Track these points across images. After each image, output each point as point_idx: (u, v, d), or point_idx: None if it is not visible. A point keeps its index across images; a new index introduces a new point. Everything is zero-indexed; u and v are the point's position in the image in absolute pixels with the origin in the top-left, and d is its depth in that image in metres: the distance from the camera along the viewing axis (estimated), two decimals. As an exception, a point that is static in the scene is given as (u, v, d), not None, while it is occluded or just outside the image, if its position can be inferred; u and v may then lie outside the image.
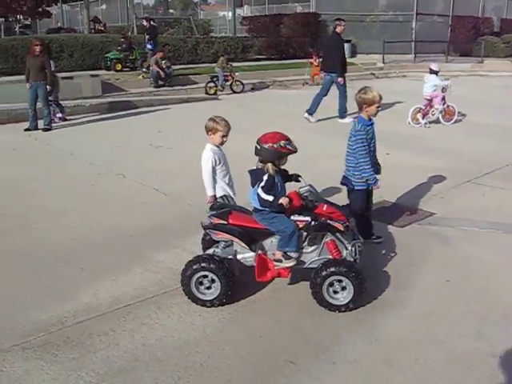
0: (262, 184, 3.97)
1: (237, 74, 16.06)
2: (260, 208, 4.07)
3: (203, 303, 4.07)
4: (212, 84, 15.81)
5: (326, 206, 4.16)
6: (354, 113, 9.87)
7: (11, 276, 4.68)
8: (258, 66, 19.64)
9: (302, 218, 4.08)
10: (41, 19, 33.36)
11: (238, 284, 4.16)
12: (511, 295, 4.24)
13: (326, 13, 23.28)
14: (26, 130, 10.87)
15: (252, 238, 4.19)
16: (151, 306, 4.13)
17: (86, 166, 8.27)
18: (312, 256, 4.18)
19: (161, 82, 16.27)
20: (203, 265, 4.02)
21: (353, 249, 4.16)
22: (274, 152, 3.93)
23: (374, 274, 4.58)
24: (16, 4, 26.36)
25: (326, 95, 11.72)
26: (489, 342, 3.57)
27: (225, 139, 4.62)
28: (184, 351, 3.55)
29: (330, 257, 4.12)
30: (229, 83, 16.01)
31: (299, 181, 4.31)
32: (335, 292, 3.96)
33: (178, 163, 8.29)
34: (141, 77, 16.56)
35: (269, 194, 3.93)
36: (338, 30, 11.66)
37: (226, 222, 4.17)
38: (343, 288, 3.94)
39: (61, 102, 12.09)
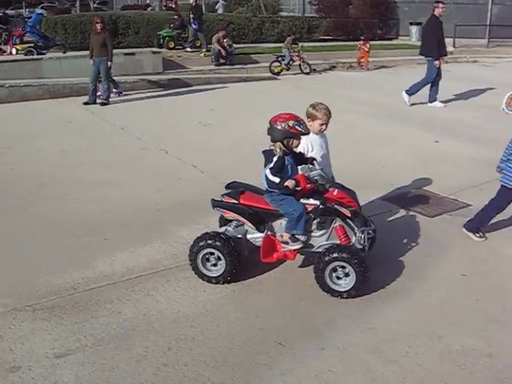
0: (271, 165, 3.97)
1: (304, 54, 15.78)
2: (270, 189, 4.07)
3: (209, 279, 4.16)
4: (277, 63, 15.67)
5: (337, 190, 4.10)
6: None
7: (39, 241, 4.96)
8: (321, 47, 19.34)
9: (311, 201, 4.06)
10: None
11: (249, 263, 4.21)
12: (528, 296, 4.04)
13: (397, -7, 22.53)
14: (85, 103, 11.31)
15: (262, 219, 4.21)
16: (160, 279, 4.26)
17: (133, 141, 8.53)
18: (320, 240, 4.15)
19: (222, 61, 16.37)
20: (209, 242, 4.09)
21: (362, 236, 4.09)
22: (282, 132, 3.91)
23: (389, 262, 4.52)
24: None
25: (435, 80, 11.31)
26: (489, 342, 3.44)
27: (324, 127, 4.40)
28: (180, 324, 3.65)
29: (338, 242, 4.07)
30: (296, 63, 15.79)
31: (314, 164, 4.25)
32: (338, 278, 3.93)
33: (224, 142, 8.37)
34: (202, 55, 16.74)
35: (276, 176, 3.92)
36: (436, 12, 11.18)
37: (236, 202, 4.22)
38: (346, 274, 3.90)
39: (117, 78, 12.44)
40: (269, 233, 4.21)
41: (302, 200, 4.06)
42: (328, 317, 3.72)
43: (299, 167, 4.17)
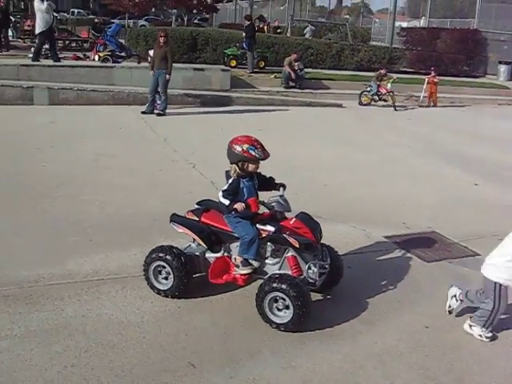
0: (225, 187, 3.98)
1: (388, 86, 15.45)
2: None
3: (158, 292, 4.20)
4: (366, 93, 15.49)
5: (294, 219, 4.03)
6: None
7: (28, 235, 5.26)
8: (399, 79, 18.90)
9: (267, 227, 4.00)
10: (208, 14, 35.72)
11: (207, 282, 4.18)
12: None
13: (488, 31, 21.60)
14: (143, 112, 11.83)
15: (219, 239, 4.20)
16: (118, 285, 4.37)
17: (168, 152, 8.80)
18: (274, 268, 4.08)
19: (292, 84, 16.50)
20: (160, 255, 4.15)
21: (312, 269, 3.96)
22: (237, 155, 3.91)
23: (352, 301, 4.35)
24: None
25: None
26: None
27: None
28: (110, 330, 3.73)
29: (289, 272, 3.98)
30: (383, 96, 15.44)
31: (280, 190, 4.20)
32: (278, 309, 3.83)
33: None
34: (273, 76, 16.94)
35: (227, 198, 3.91)
36: None
37: (197, 219, 4.24)
38: (286, 307, 3.79)
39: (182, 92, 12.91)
40: (225, 254, 4.20)
41: (258, 225, 4.01)
42: (256, 347, 3.63)
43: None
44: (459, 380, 3.44)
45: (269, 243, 4.06)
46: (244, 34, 17.10)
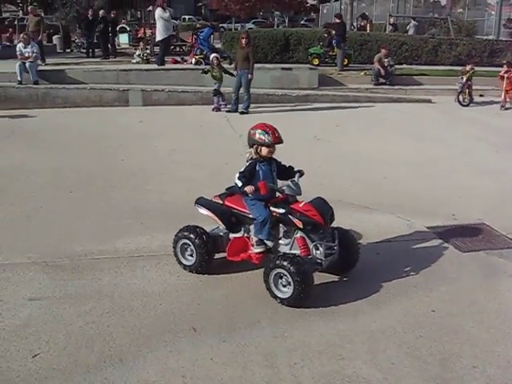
0: (242, 169, 4.33)
1: (463, 79, 14.75)
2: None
3: (184, 267, 4.67)
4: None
5: (304, 203, 4.29)
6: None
7: (90, 217, 5.98)
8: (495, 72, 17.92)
9: (278, 209, 4.30)
10: (306, 14, 35.97)
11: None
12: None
13: None
14: (228, 111, 12.45)
15: (240, 221, 4.57)
16: (153, 261, 4.90)
17: (239, 148, 9.09)
18: (286, 248, 4.38)
19: (381, 80, 16.33)
20: (185, 234, 4.60)
21: (318, 250, 4.20)
22: (251, 139, 4.27)
23: (364, 284, 4.49)
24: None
25: None
26: (385, 376, 3.35)
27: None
28: (133, 297, 4.25)
29: (298, 252, 4.25)
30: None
31: (294, 177, 4.48)
32: (283, 285, 4.11)
33: (318, 156, 8.65)
34: (363, 73, 16.88)
35: (240, 180, 4.26)
36: None
37: (222, 202, 4.64)
38: (290, 283, 4.05)
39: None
40: (245, 235, 4.55)
41: (271, 208, 4.33)
42: (256, 319, 3.95)
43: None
44: (444, 360, 3.51)
45: (281, 225, 4.36)
46: (334, 32, 17.20)
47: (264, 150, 4.32)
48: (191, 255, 4.63)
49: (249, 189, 4.21)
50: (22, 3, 31.45)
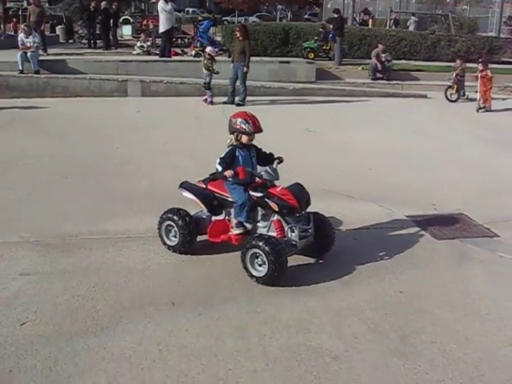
0: (222, 155, 4.57)
1: (453, 75, 14.92)
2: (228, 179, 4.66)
3: (168, 247, 4.91)
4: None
5: (280, 187, 4.53)
6: None
7: (83, 201, 6.23)
8: (500, 70, 18.03)
9: (256, 193, 4.54)
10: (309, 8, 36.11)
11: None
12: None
13: None
14: (224, 103, 12.67)
15: (221, 204, 4.81)
16: (139, 241, 5.15)
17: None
18: (263, 231, 4.62)
19: (379, 75, 16.53)
20: (169, 215, 4.84)
21: (292, 232, 4.43)
22: (231, 126, 4.52)
23: (338, 266, 4.74)
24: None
25: None
26: (344, 347, 3.60)
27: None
28: (118, 273, 4.51)
29: (275, 234, 4.49)
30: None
31: (273, 164, 4.72)
32: (259, 264, 4.35)
33: (312, 148, 8.93)
34: (360, 68, 17.07)
35: (220, 165, 4.50)
36: None
37: (204, 187, 4.88)
38: (264, 262, 4.29)
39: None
40: (226, 217, 4.80)
41: (251, 191, 4.57)
42: (233, 295, 4.20)
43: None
44: (405, 336, 3.75)
45: (259, 208, 4.60)
46: (331, 26, 17.39)
47: (244, 138, 4.56)
48: (175, 236, 4.87)
49: (228, 173, 4.44)
50: (26, -7, 31.62)
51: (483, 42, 19.65)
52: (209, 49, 12.81)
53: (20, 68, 13.26)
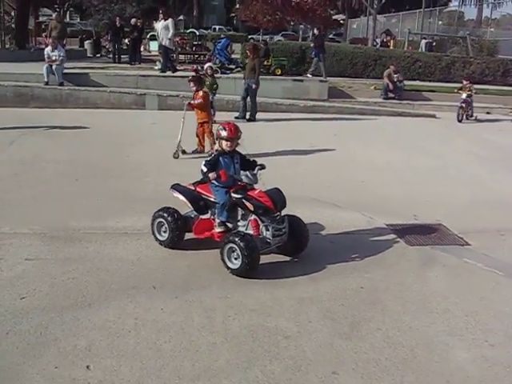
0: (208, 159, 5.14)
1: (463, 95, 15.28)
2: (213, 182, 5.21)
3: (160, 243, 5.46)
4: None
5: (258, 190, 5.06)
6: None
7: (89, 200, 6.85)
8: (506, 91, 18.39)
9: (237, 195, 5.08)
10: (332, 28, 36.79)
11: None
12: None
13: None
14: (236, 118, 13.24)
15: (208, 205, 5.36)
16: (135, 237, 5.72)
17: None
18: (243, 229, 5.14)
19: (390, 95, 17.01)
20: (160, 213, 5.41)
21: (266, 231, 4.95)
22: (216, 135, 5.07)
23: (310, 264, 5.21)
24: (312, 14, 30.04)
25: None
26: (299, 330, 4.09)
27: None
28: (110, 261, 5.08)
29: (252, 232, 5.01)
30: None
31: (254, 170, 5.26)
32: (235, 258, 4.87)
33: (311, 161, 9.44)
34: (373, 87, 17.56)
35: (206, 167, 5.05)
36: None
37: (193, 189, 5.44)
38: (239, 256, 4.81)
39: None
40: (212, 217, 5.34)
41: (232, 194, 5.11)
42: (208, 284, 4.73)
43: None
44: (354, 324, 4.22)
45: (239, 208, 5.13)
46: (312, 44, 18.07)
47: (224, 143, 5.12)
48: (165, 232, 5.43)
49: (211, 175, 5.00)
50: (58, 8, 33.07)
51: (498, 65, 19.98)
52: (206, 65, 13.01)
53: (45, 80, 14.12)
